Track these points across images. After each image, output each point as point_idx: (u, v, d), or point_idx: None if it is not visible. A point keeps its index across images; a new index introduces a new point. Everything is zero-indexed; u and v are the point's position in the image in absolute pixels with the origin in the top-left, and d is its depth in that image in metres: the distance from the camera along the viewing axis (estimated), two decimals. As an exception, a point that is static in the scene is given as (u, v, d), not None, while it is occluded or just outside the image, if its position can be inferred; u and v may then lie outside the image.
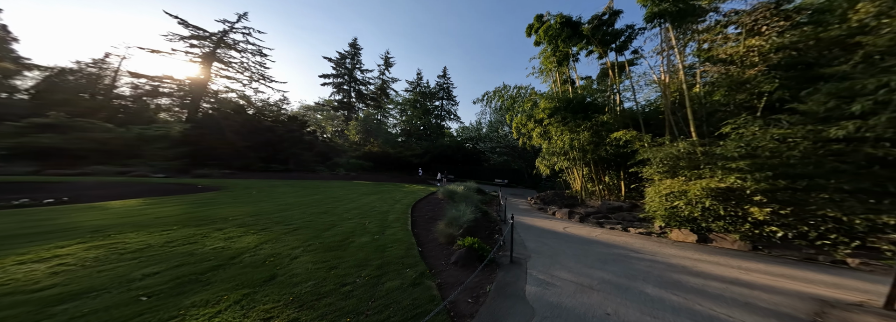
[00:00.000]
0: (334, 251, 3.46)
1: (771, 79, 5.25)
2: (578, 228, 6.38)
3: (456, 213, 4.85)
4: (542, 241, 4.99)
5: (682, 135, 6.47)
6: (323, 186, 10.56)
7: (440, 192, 8.39)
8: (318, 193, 8.38)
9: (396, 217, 5.55)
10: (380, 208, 6.46)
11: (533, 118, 10.73)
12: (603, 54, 9.40)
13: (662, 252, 4.40)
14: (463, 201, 6.36)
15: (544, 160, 10.65)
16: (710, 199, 4.74)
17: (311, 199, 7.20)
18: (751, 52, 5.56)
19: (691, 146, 5.45)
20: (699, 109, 6.50)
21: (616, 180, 9.26)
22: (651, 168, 6.16)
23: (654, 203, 5.83)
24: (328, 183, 12.17)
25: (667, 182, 5.66)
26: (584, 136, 8.21)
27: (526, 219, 7.30)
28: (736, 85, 5.87)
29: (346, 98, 31.97)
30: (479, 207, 7.74)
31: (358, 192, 9.38)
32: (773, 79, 5.23)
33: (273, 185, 10.01)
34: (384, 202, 7.29)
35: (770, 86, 5.24)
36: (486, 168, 23.64)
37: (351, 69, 32.20)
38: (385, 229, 4.66)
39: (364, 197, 8.15)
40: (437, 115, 37.19)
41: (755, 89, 5.51)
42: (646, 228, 6.14)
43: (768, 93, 5.39)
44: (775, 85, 5.25)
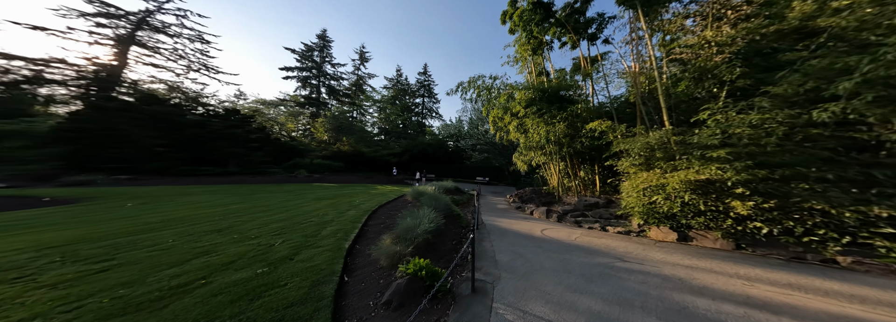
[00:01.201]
0: (140, 313, 2.07)
1: (732, 67, 4.95)
2: (557, 230, 5.78)
3: (411, 221, 3.91)
4: (516, 250, 4.25)
5: (654, 125, 6.10)
6: (263, 192, 8.87)
7: (409, 193, 7.40)
8: (244, 201, 6.78)
9: (337, 230, 4.45)
10: (322, 218, 5.29)
11: (509, 111, 10.10)
12: (576, 43, 8.95)
13: (650, 258, 3.85)
14: (429, 204, 5.44)
15: (521, 155, 10.08)
16: (689, 192, 4.29)
17: (218, 211, 5.56)
18: (707, 43, 5.27)
19: (665, 135, 5.01)
20: (669, 98, 6.18)
21: (591, 175, 8.92)
22: (626, 160, 5.69)
23: (631, 198, 5.36)
24: (276, 187, 10.39)
25: (643, 175, 5.19)
26: (559, 127, 7.68)
27: (502, 221, 6.59)
28: (698, 75, 5.58)
29: (313, 93, 29.47)
30: (452, 208, 6.90)
31: (308, 197, 8.02)
32: (733, 67, 4.94)
33: (186, 192, 8.09)
34: (335, 209, 6.11)
35: (731, 74, 4.94)
36: (467, 166, 23.03)
37: (320, 62, 29.74)
38: (301, 251, 3.52)
39: (311, 203, 6.86)
40: (418, 113, 35.99)
41: (717, 79, 5.22)
42: (624, 227, 5.69)
43: (730, 81, 5.12)
44: (736, 74, 4.96)
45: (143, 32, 20.61)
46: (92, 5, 18.79)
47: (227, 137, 13.46)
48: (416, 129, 32.65)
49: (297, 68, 28.59)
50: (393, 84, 34.60)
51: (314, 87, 29.32)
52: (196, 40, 22.72)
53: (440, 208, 5.53)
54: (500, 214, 7.58)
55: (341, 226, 4.58)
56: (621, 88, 9.15)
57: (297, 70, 28.61)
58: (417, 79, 35.85)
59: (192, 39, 22.56)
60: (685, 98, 6.37)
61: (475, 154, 23.10)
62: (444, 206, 5.91)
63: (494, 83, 10.36)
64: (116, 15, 19.59)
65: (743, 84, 4.98)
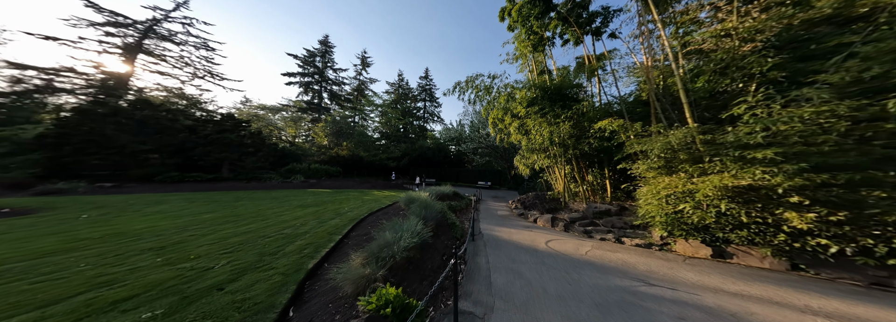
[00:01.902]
0: None
1: (763, 57, 4.25)
2: (563, 241, 5.01)
3: (390, 235, 3.24)
4: (515, 268, 3.52)
5: (673, 123, 5.38)
6: (248, 199, 8.17)
7: (402, 200, 6.74)
8: (220, 210, 6.02)
9: (306, 245, 3.76)
10: (297, 229, 4.60)
11: (509, 112, 9.48)
12: (579, 39, 8.36)
13: (682, 280, 3.09)
14: (418, 213, 4.77)
15: (523, 158, 9.37)
16: (726, 201, 3.53)
17: (181, 223, 4.74)
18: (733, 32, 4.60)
19: (690, 134, 4.28)
20: (690, 93, 5.47)
21: (601, 179, 8.13)
22: (643, 163, 4.95)
23: (650, 206, 4.60)
24: (265, 194, 9.72)
25: (664, 180, 4.44)
26: (564, 127, 6.99)
27: (501, 230, 5.85)
28: (721, 68, 4.89)
29: (315, 98, 29.47)
30: (447, 216, 6.20)
31: (293, 204, 7.39)
32: (765, 57, 4.24)
33: (162, 200, 7.28)
34: (316, 218, 5.47)
35: (761, 65, 4.24)
36: (468, 170, 22.33)
37: (322, 68, 29.88)
38: (242, 276, 2.77)
39: (293, 211, 6.22)
40: (420, 117, 35.69)
41: (744, 71, 4.52)
42: (642, 238, 4.89)
43: (760, 73, 4.42)
44: (768, 64, 4.25)
45: (149, 41, 20.98)
46: (101, 15, 19.22)
47: (219, 142, 13.04)
48: (418, 134, 32.26)
49: (299, 74, 28.68)
50: (394, 89, 34.56)
51: (316, 92, 29.32)
52: (201, 47, 23.01)
53: (431, 217, 4.85)
54: (500, 222, 6.84)
55: (314, 239, 3.90)
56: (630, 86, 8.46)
57: (299, 75, 28.70)
58: (419, 83, 35.72)
59: (198, 47, 22.86)
60: (705, 94, 5.65)
61: (476, 158, 22.42)
62: (437, 215, 5.22)
63: (493, 83, 9.79)
64: (124, 24, 20.00)
65: (775, 76, 4.27)
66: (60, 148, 9.51)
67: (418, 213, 4.69)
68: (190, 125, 13.17)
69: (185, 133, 12.57)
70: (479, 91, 10.07)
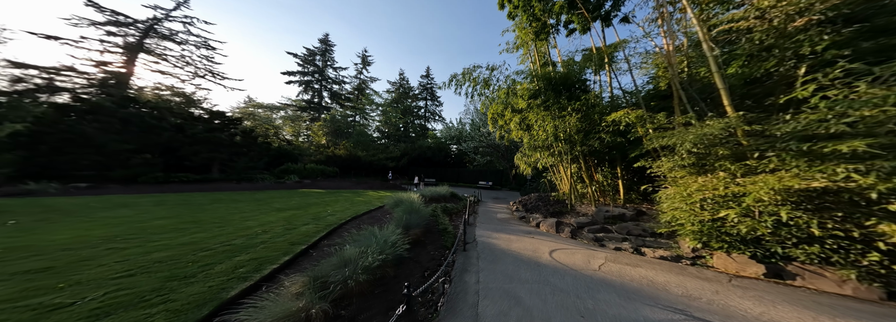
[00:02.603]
0: None
1: (818, 35, 3.39)
2: (571, 251, 4.21)
3: (350, 252, 2.50)
4: (512, 290, 2.76)
5: (701, 115, 4.53)
6: (227, 201, 7.38)
7: (389, 203, 6.03)
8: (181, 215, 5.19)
9: (247, 262, 2.98)
10: (252, 239, 3.80)
11: (510, 106, 8.68)
12: (586, 25, 7.51)
13: (736, 310, 2.29)
14: (399, 221, 4.04)
15: (525, 157, 8.55)
16: (788, 207, 2.69)
17: (121, 231, 3.96)
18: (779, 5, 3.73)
19: (732, 124, 3.43)
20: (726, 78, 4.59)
21: (612, 179, 7.26)
22: (668, 160, 4.11)
23: (678, 212, 3.76)
24: (250, 195, 9.01)
25: (697, 181, 3.61)
26: (571, 121, 6.16)
27: (499, 237, 5.07)
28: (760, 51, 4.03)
29: (315, 97, 29.09)
30: (439, 220, 5.45)
31: (273, 206, 6.71)
32: (819, 35, 3.38)
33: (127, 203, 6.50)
34: (288, 223, 4.76)
35: (813, 45, 3.38)
36: (469, 170, 21.55)
37: (322, 67, 29.51)
38: (102, 319, 1.92)
39: (268, 215, 5.52)
40: (421, 117, 35.06)
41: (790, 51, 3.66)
42: (667, 249, 4.05)
43: (812, 54, 3.55)
44: (825, 42, 3.39)
45: (150, 40, 20.87)
46: (102, 14, 19.16)
47: (208, 142, 12.49)
48: (419, 133, 31.63)
49: (299, 73, 28.32)
50: (395, 87, 34.02)
51: (316, 91, 28.94)
52: (202, 47, 22.86)
53: (416, 223, 4.10)
54: (499, 227, 6.06)
55: (266, 253, 3.14)
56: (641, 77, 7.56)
57: (299, 74, 28.35)
58: (420, 82, 35.12)
59: (199, 46, 22.71)
60: (738, 81, 4.77)
61: (477, 157, 21.62)
62: (423, 220, 4.47)
63: (492, 75, 8.98)
64: (125, 23, 19.91)
65: (832, 56, 3.40)
66: (35, 147, 9.06)
67: (401, 220, 3.95)
68: (178, 124, 12.68)
69: (172, 132, 12.07)
70: (476, 84, 9.29)
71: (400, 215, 4.14)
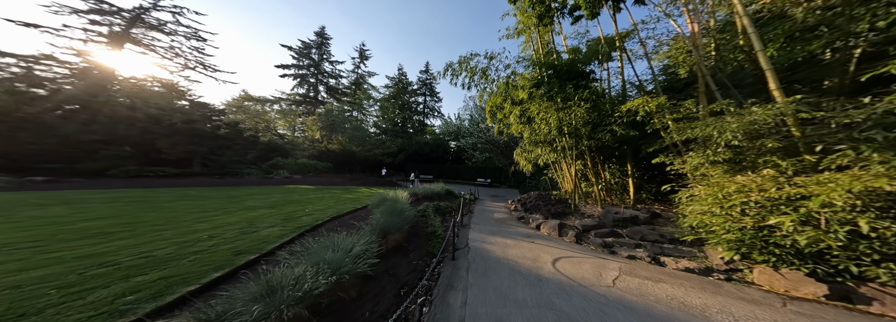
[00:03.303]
0: None
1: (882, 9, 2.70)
2: (577, 260, 3.58)
3: (277, 276, 1.81)
4: (506, 316, 2.14)
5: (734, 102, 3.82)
6: (193, 198, 6.44)
7: (372, 202, 5.36)
8: (127, 214, 4.45)
9: (159, 280, 2.24)
10: (190, 247, 3.05)
11: (509, 98, 7.96)
12: (596, 7, 6.71)
13: None
14: (378, 222, 3.37)
15: (525, 152, 7.86)
16: (870, 214, 2.03)
17: (19, 237, 3.23)
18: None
19: (782, 111, 2.73)
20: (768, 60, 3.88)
21: (621, 177, 6.60)
22: (698, 155, 3.43)
23: (709, 216, 3.11)
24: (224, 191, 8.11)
25: (737, 180, 2.94)
26: (578, 112, 5.44)
27: (495, 241, 4.43)
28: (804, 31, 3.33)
29: (311, 91, 28.13)
30: (428, 222, 4.81)
31: (245, 204, 6.00)
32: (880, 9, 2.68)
33: (72, 199, 5.68)
34: (249, 226, 4.05)
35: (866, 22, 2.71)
36: (468, 167, 20.90)
37: (318, 60, 28.46)
38: None
39: (229, 215, 4.76)
40: (420, 112, 34.18)
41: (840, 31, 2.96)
42: (692, 259, 3.41)
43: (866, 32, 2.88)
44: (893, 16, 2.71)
45: (137, 30, 19.81)
46: (85, 2, 18.03)
47: (187, 133, 11.62)
48: (417, 129, 30.85)
49: (293, 66, 27.24)
50: (394, 83, 33.04)
51: (312, 85, 27.90)
52: (192, 38, 21.82)
53: (396, 227, 3.44)
54: (496, 228, 5.42)
55: (190, 269, 2.43)
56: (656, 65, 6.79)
57: (293, 67, 27.24)
58: (419, 77, 34.09)
59: (188, 37, 21.66)
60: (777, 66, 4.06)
61: (476, 154, 20.93)
62: (405, 224, 3.81)
63: (491, 64, 8.21)
64: (109, 12, 18.81)
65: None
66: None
67: (377, 224, 3.28)
68: (153, 114, 11.81)
69: (147, 123, 11.22)
70: (473, 74, 8.51)
71: (378, 218, 3.46)
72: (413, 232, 4.44)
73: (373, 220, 3.45)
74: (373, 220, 3.53)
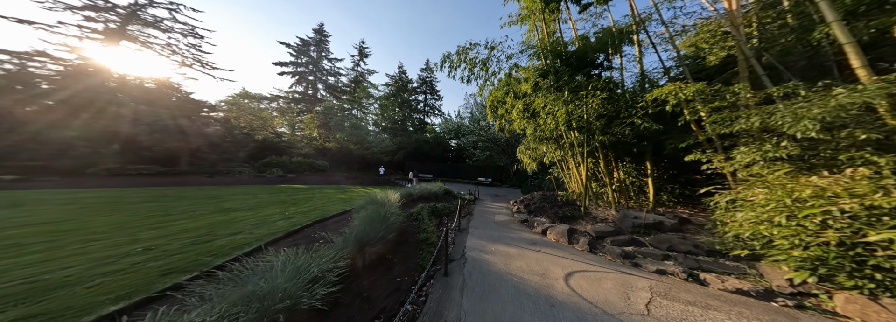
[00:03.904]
0: None
1: None
2: (596, 275, 2.92)
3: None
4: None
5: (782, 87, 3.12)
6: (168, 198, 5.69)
7: (357, 205, 4.73)
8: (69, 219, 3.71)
9: (29, 315, 1.54)
10: (111, 265, 2.33)
11: (512, 92, 7.29)
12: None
13: None
14: (351, 233, 2.74)
15: (529, 149, 7.18)
16: None
17: None
18: None
19: (885, 90, 2.04)
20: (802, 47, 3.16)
21: (636, 177, 5.90)
22: (754, 151, 2.75)
23: (767, 227, 2.43)
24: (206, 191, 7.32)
25: (812, 182, 2.25)
26: (593, 103, 4.74)
27: (496, 250, 3.79)
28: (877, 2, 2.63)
29: (309, 89, 27.55)
30: (421, 226, 4.17)
31: (223, 205, 5.31)
32: None
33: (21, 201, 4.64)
34: (210, 233, 3.39)
35: None
36: (469, 166, 20.24)
37: (316, 58, 27.88)
38: None
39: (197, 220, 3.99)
40: (420, 111, 33.54)
41: None
42: (742, 277, 2.73)
43: None
44: None
45: (133, 27, 19.35)
46: (80, -1, 17.53)
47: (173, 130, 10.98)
48: (417, 127, 30.24)
49: (292, 63, 26.60)
50: (394, 80, 32.41)
51: (310, 82, 27.25)
52: (189, 35, 21.35)
53: (377, 237, 2.80)
54: (497, 233, 4.77)
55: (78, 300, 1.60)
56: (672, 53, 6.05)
57: (292, 65, 26.61)
58: (419, 75, 33.43)
59: (185, 34, 21.18)
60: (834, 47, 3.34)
61: (477, 152, 20.24)
62: (395, 230, 3.18)
63: (492, 55, 7.51)
64: (106, 8, 18.34)
65: None
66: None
67: (350, 235, 2.64)
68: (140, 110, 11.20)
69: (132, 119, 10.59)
70: (473, 67, 7.81)
71: (355, 226, 2.83)
72: (402, 239, 3.81)
73: (349, 229, 2.82)
74: (349, 228, 2.89)
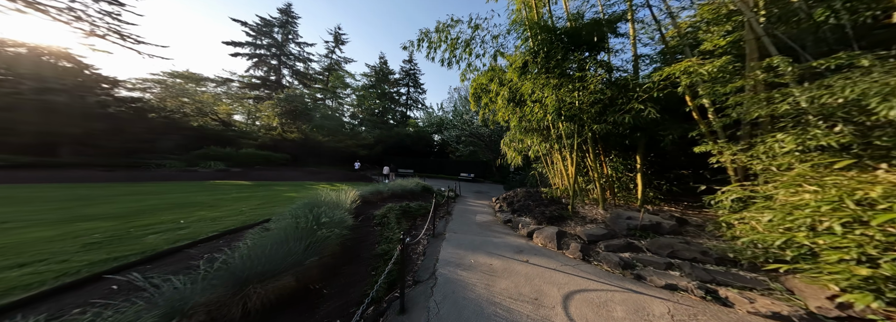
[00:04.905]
0: None
1: None
2: (600, 297, 2.23)
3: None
4: None
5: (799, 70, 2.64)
6: (15, 201, 3.73)
7: (290, 209, 3.52)
8: None
9: None
10: None
11: (497, 78, 6.46)
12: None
13: None
14: (240, 257, 1.67)
15: (514, 142, 6.47)
16: None
17: None
18: None
19: None
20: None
21: (623, 173, 5.47)
22: (793, 137, 2.17)
23: (804, 235, 1.88)
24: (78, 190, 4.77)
25: (878, 178, 1.69)
26: (590, 86, 4.03)
27: (476, 263, 2.97)
28: None
29: (272, 74, 24.14)
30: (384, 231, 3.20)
31: (80, 212, 3.25)
32: None
33: None
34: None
35: None
36: (452, 161, 19.41)
37: (282, 41, 24.47)
38: None
39: (11, 233, 2.63)
40: (403, 104, 31.69)
41: None
42: (767, 293, 2.21)
43: None
44: None
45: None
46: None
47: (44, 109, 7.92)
48: (399, 121, 28.51)
49: (249, 44, 22.81)
50: (375, 71, 29.97)
51: (273, 67, 23.78)
52: (102, 0, 16.94)
53: (275, 267, 1.78)
54: (478, 239, 3.97)
55: None
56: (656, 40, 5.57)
57: (249, 46, 22.85)
58: (402, 67, 31.39)
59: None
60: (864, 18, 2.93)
61: (460, 147, 19.46)
62: (317, 251, 2.16)
63: (476, 35, 6.54)
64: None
65: None
66: None
67: (231, 268, 1.58)
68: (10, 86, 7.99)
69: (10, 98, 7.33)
70: (455, 48, 6.77)
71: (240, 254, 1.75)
72: (352, 254, 2.81)
73: (230, 255, 1.73)
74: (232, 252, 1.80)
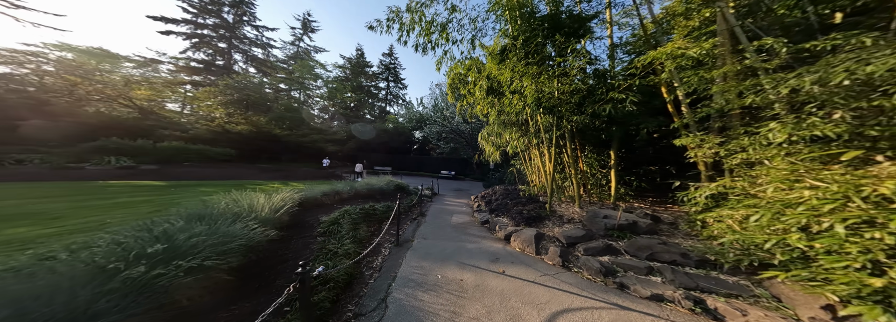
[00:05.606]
0: None
1: None
2: (582, 316, 1.79)
3: None
4: None
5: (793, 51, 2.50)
6: None
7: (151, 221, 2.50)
8: None
9: None
10: None
11: (475, 67, 5.91)
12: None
13: None
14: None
15: (492, 135, 6.02)
16: None
17: None
18: None
19: None
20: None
21: (597, 169, 5.33)
22: (787, 128, 1.91)
23: (797, 238, 1.62)
24: None
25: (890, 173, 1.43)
26: (574, 71, 3.63)
27: (445, 280, 2.40)
28: None
29: (218, 59, 20.74)
30: (330, 242, 2.45)
31: None
32: None
33: None
34: None
35: None
36: (432, 158, 18.72)
37: (233, 22, 21.16)
38: None
39: None
40: (382, 99, 29.91)
41: None
42: (752, 302, 1.97)
43: None
44: None
45: None
46: None
47: None
48: (378, 116, 26.84)
49: (187, 21, 18.98)
50: (350, 63, 27.64)
51: (221, 51, 20.35)
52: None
53: None
54: (450, 247, 3.42)
55: None
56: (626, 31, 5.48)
57: (186, 24, 19.11)
58: (381, 61, 29.47)
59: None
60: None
61: (441, 144, 18.83)
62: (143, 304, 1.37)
63: (453, 18, 5.87)
64: None
65: None
66: None
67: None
68: None
69: None
70: (430, 32, 6.02)
71: None
72: (258, 280, 2.03)
73: None
74: None
